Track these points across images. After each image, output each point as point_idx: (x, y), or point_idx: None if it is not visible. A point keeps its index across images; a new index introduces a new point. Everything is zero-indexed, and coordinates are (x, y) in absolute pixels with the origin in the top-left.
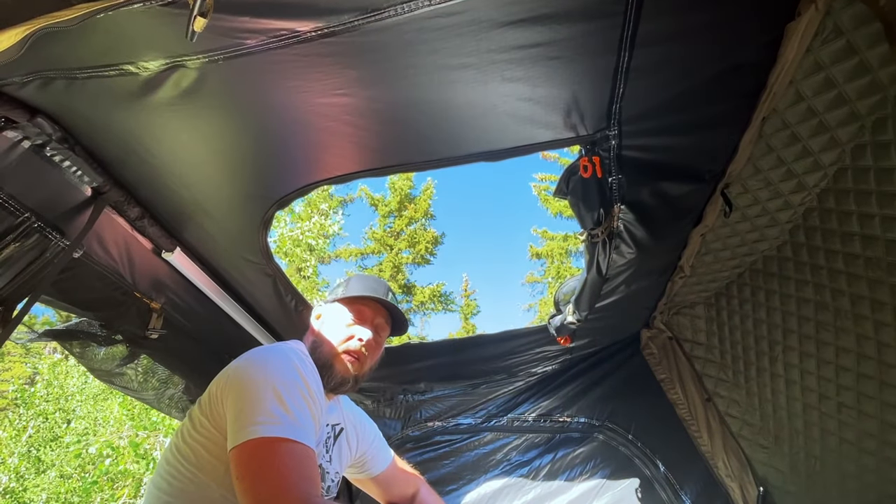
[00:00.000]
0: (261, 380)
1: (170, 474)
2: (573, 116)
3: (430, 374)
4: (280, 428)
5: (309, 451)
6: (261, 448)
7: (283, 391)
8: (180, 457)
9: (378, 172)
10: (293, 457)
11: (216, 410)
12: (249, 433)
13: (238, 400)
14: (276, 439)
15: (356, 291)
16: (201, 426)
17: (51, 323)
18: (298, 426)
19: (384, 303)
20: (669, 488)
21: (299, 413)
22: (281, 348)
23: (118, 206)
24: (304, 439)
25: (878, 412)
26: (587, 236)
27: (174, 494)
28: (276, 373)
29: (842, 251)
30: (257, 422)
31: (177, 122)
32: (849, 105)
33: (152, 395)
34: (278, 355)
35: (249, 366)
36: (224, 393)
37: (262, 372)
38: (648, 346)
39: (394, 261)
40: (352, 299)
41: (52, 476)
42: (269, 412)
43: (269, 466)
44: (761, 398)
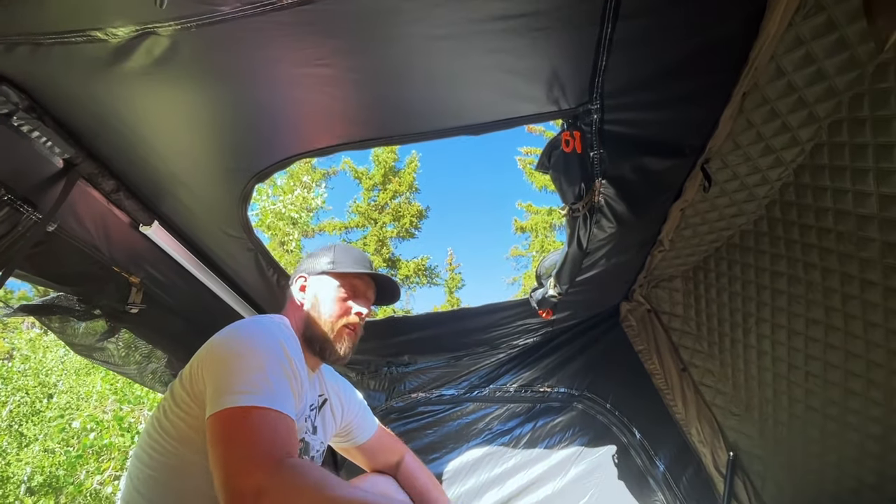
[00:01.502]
0: (240, 352)
1: (151, 447)
2: (555, 90)
3: (414, 346)
4: (256, 397)
5: (286, 418)
6: (235, 416)
7: (262, 363)
8: (161, 430)
9: (359, 146)
10: (267, 423)
11: (196, 384)
12: (225, 402)
13: (216, 371)
14: (252, 408)
15: (348, 265)
16: (182, 400)
17: (28, 298)
18: (276, 395)
19: (376, 278)
20: (645, 454)
21: (278, 384)
22: (263, 322)
23: (92, 179)
24: (282, 408)
25: (842, 380)
26: (568, 211)
27: (156, 468)
28: (255, 345)
29: (815, 226)
30: (234, 391)
31: (150, 93)
32: (828, 81)
33: (134, 369)
34: (259, 329)
35: (230, 339)
36: (204, 366)
37: (242, 344)
38: (627, 318)
39: (378, 234)
40: (345, 274)
41: (35, 450)
42: (246, 382)
43: (242, 433)
44: (734, 368)
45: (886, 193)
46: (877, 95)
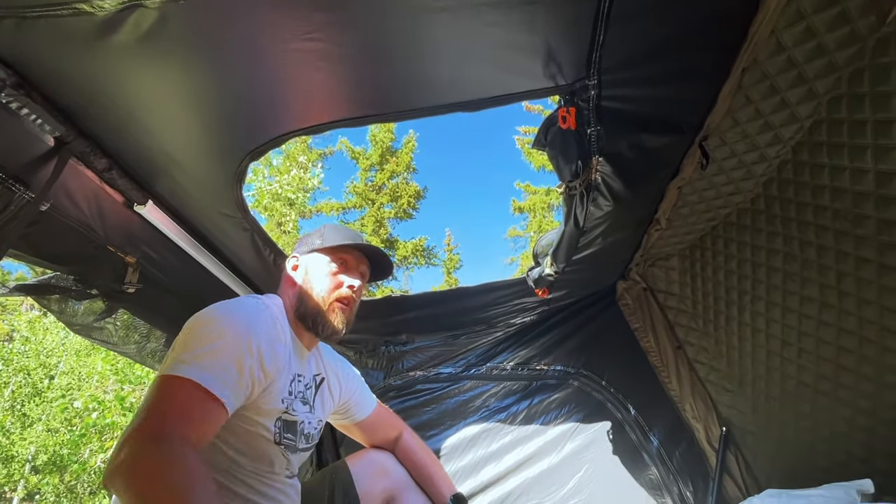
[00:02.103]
0: (201, 326)
1: None
2: (552, 65)
3: (412, 325)
4: (188, 369)
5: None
6: (164, 382)
7: (214, 340)
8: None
9: (353, 122)
10: (183, 395)
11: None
12: (164, 368)
13: (181, 341)
14: (178, 378)
15: (336, 241)
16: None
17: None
18: (211, 373)
19: (365, 249)
20: (639, 430)
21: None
22: (242, 302)
23: (84, 158)
24: (212, 386)
25: (834, 356)
26: (565, 189)
27: None
28: (216, 322)
29: (812, 203)
30: (177, 360)
31: (140, 68)
32: (828, 56)
33: (134, 348)
34: (230, 308)
35: (201, 314)
36: (178, 337)
37: (207, 319)
38: (624, 297)
39: (376, 215)
40: (333, 248)
41: (38, 430)
42: (191, 353)
43: (158, 398)
44: (728, 345)
45: (884, 170)
46: (877, 70)
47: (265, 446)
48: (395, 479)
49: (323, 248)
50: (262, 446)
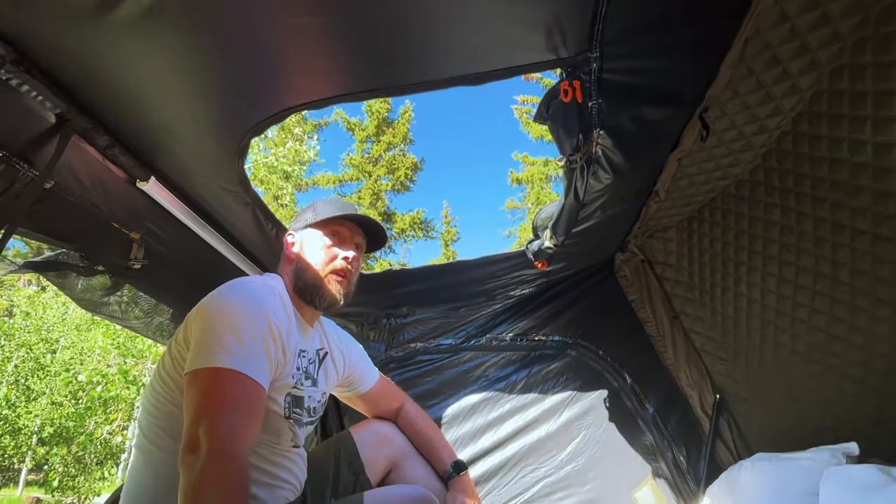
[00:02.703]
0: (221, 313)
1: (157, 399)
2: (555, 38)
3: (412, 298)
4: (228, 359)
5: (254, 384)
6: (207, 375)
7: (237, 325)
8: (164, 385)
9: (354, 97)
10: (234, 388)
11: (188, 341)
12: (201, 361)
13: (199, 331)
14: (223, 369)
15: (328, 213)
16: (179, 356)
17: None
18: (248, 360)
19: (357, 219)
20: (635, 397)
21: (252, 347)
22: (248, 285)
23: (86, 134)
24: (252, 373)
25: (826, 326)
26: (566, 162)
27: (160, 417)
28: (234, 308)
29: (810, 175)
30: (210, 351)
31: (141, 44)
32: (831, 25)
33: (140, 323)
34: (241, 292)
35: (216, 300)
36: (193, 324)
37: (225, 306)
38: (622, 268)
39: (373, 188)
40: (325, 222)
41: (43, 403)
42: (222, 344)
43: (210, 394)
44: (724, 315)
45: (882, 141)
46: (880, 40)
47: (275, 420)
48: (397, 447)
49: (316, 223)
50: (273, 420)
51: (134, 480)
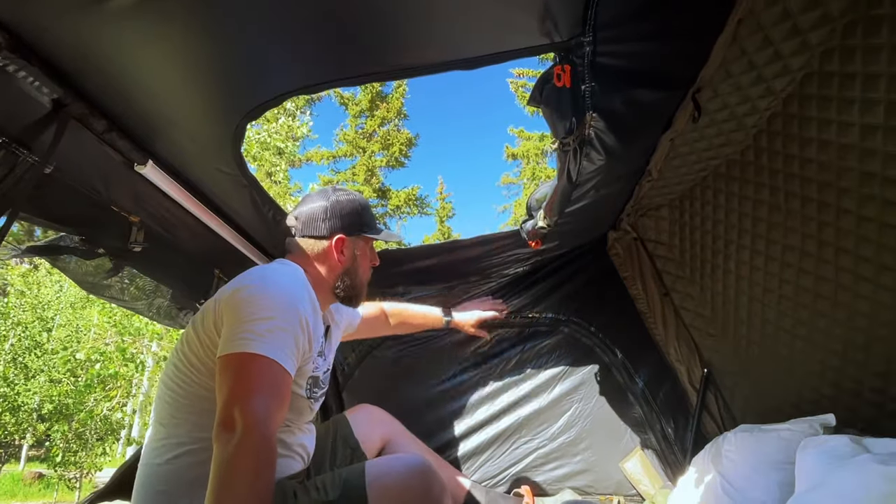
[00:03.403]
0: (256, 302)
1: (180, 378)
2: (548, 22)
3: (408, 278)
4: (264, 346)
5: (284, 372)
6: (241, 360)
7: (275, 315)
8: (188, 364)
9: (350, 81)
10: (266, 373)
11: (218, 325)
12: (235, 346)
13: (233, 316)
14: (256, 355)
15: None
16: (208, 339)
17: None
18: (279, 348)
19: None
20: (625, 372)
21: (283, 337)
22: (281, 277)
23: (83, 119)
24: (283, 361)
25: (811, 302)
26: (559, 145)
27: (183, 395)
28: (271, 299)
29: (799, 156)
30: (243, 337)
31: (138, 30)
32: (823, 6)
33: (141, 305)
34: (277, 284)
35: (250, 290)
36: (225, 309)
37: (260, 296)
38: (614, 247)
39: (367, 164)
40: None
41: (41, 381)
42: (255, 331)
43: (244, 377)
44: (713, 292)
45: (869, 123)
46: (870, 22)
47: (298, 401)
48: (389, 426)
49: (371, 237)
50: (296, 402)
51: (154, 454)
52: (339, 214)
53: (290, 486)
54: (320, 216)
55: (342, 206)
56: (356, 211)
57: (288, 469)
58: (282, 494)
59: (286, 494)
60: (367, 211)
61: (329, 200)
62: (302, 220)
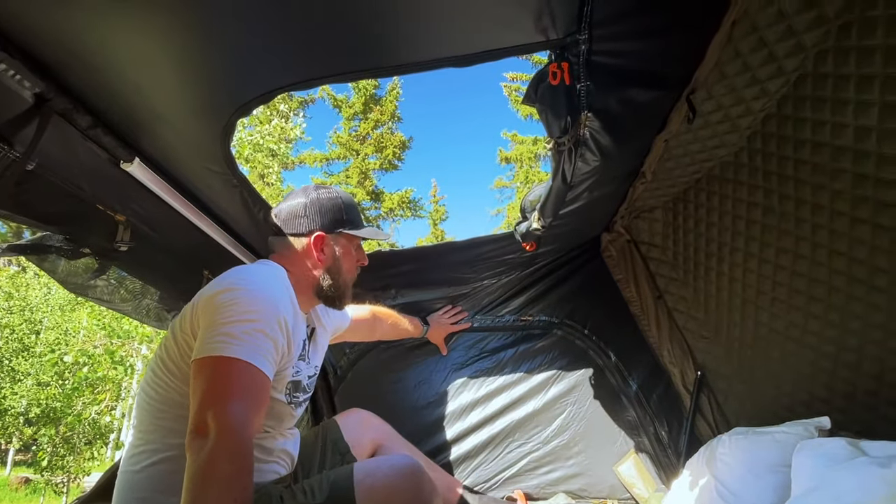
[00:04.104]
0: (233, 304)
1: (157, 384)
2: (545, 19)
3: (401, 280)
4: (238, 349)
5: (262, 376)
6: (216, 363)
7: (254, 318)
8: (166, 370)
9: (341, 78)
10: (242, 377)
11: (194, 328)
12: (209, 349)
13: (209, 319)
14: (232, 358)
15: (362, 228)
16: (185, 344)
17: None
18: (257, 351)
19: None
20: (619, 374)
21: (261, 339)
22: (260, 277)
23: (66, 115)
24: (261, 364)
25: (804, 305)
26: (554, 145)
27: (162, 402)
28: (248, 300)
29: (793, 157)
30: (219, 340)
31: (123, 23)
32: (817, 8)
33: (128, 306)
34: (256, 285)
35: (227, 292)
36: (201, 312)
37: (237, 298)
38: (608, 248)
39: (360, 167)
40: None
41: (29, 384)
42: (232, 333)
43: (219, 381)
44: (706, 295)
45: (863, 125)
46: (865, 23)
47: (278, 407)
48: (379, 430)
49: (354, 235)
50: (276, 407)
51: (132, 461)
52: (319, 211)
53: (276, 490)
54: (300, 213)
55: (322, 203)
56: (337, 207)
57: (271, 474)
58: (267, 499)
59: (272, 498)
60: (350, 208)
61: (309, 197)
62: (282, 218)
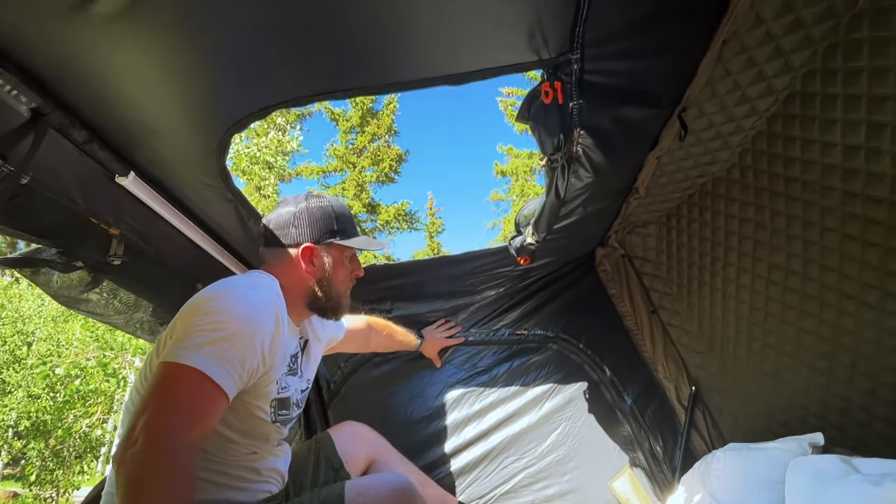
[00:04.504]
0: (209, 313)
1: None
2: (537, 39)
3: (396, 292)
4: (194, 357)
5: (213, 388)
6: (167, 370)
7: (221, 326)
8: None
9: (337, 95)
10: (187, 386)
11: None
12: (167, 355)
13: (181, 327)
14: (185, 366)
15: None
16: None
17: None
18: (216, 362)
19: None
20: (614, 389)
21: (226, 350)
22: (246, 291)
23: (62, 129)
24: (218, 376)
25: (797, 320)
26: (547, 161)
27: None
28: (225, 311)
29: (783, 174)
30: (183, 346)
31: (120, 39)
32: (804, 30)
33: (121, 319)
34: (238, 298)
35: (209, 301)
36: (180, 321)
37: (215, 307)
38: (602, 263)
39: (357, 179)
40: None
41: (19, 396)
42: (195, 342)
43: (163, 389)
44: (700, 310)
45: (851, 144)
46: (850, 46)
47: (263, 427)
48: (375, 444)
49: (346, 245)
50: (260, 427)
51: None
52: (309, 221)
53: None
54: (289, 223)
55: (312, 212)
56: (328, 216)
57: (262, 493)
58: None
59: None
60: (342, 217)
61: (298, 206)
62: (272, 227)
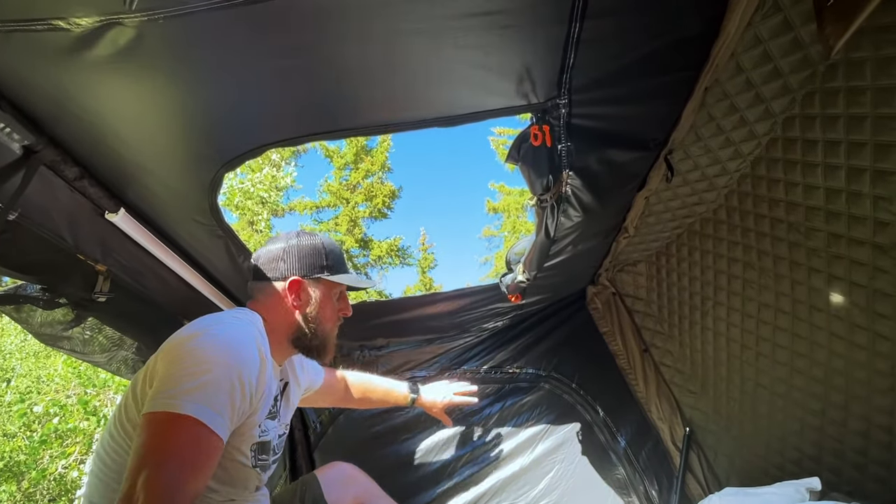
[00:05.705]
0: (191, 355)
1: (114, 450)
2: (525, 85)
3: (387, 330)
4: (187, 404)
5: (210, 435)
6: (159, 420)
7: (207, 367)
8: (124, 433)
9: (329, 136)
10: (184, 436)
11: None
12: (157, 404)
13: (164, 370)
14: (179, 415)
15: (344, 272)
16: (144, 399)
17: None
18: (208, 407)
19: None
20: (607, 430)
21: (215, 393)
22: (227, 329)
23: (54, 166)
24: (211, 422)
25: (788, 360)
26: (537, 201)
27: (119, 471)
28: (208, 352)
29: (769, 216)
30: (170, 395)
31: (115, 81)
32: (783, 78)
33: (104, 357)
34: (219, 336)
35: (187, 342)
36: (161, 361)
37: (196, 349)
38: (593, 301)
39: (350, 214)
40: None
41: None
42: (184, 388)
43: (158, 441)
44: (692, 349)
45: (832, 187)
46: (827, 94)
47: (242, 471)
48: (363, 486)
49: (335, 281)
50: (240, 472)
51: None
52: (298, 255)
53: None
54: (278, 257)
55: (301, 247)
56: (317, 252)
57: None
58: None
59: None
60: (332, 254)
61: (289, 242)
62: (261, 262)
